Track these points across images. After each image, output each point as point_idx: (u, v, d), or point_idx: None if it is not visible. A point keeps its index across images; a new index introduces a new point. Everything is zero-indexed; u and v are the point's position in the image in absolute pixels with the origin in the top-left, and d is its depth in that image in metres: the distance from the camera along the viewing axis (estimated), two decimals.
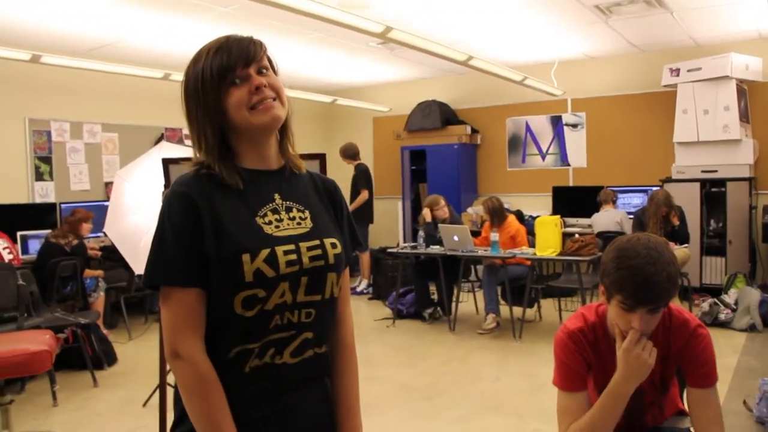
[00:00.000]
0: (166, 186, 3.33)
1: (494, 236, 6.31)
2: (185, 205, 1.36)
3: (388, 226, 9.90)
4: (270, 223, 1.42)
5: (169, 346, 1.34)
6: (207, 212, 1.35)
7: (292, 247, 1.40)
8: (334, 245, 1.48)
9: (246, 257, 1.34)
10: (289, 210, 1.47)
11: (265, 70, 1.44)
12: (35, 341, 3.56)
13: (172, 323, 1.34)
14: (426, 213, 7.05)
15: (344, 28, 4.97)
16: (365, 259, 8.60)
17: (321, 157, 2.96)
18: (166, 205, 1.38)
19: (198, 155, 1.45)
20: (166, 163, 3.31)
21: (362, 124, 10.65)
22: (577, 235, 6.21)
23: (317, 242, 1.45)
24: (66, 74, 7.04)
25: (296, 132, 1.54)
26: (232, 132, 1.44)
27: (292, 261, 1.39)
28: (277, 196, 1.47)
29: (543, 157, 9.13)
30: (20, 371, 3.56)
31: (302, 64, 8.31)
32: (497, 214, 6.68)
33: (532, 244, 6.49)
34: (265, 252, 1.36)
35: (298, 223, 1.46)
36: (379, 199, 9.22)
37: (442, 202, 7.04)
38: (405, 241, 9.08)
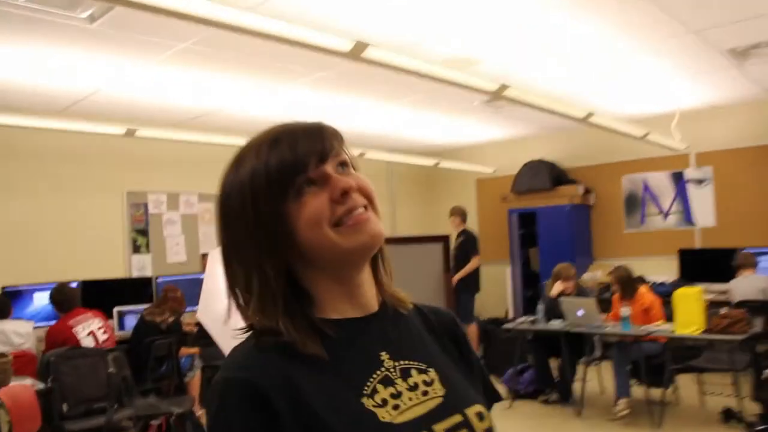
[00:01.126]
0: None
1: (625, 311, 5.59)
2: (250, 402, 0.83)
3: (496, 293, 9.19)
4: (384, 403, 0.89)
5: None
6: (286, 407, 0.83)
7: None
8: (480, 416, 0.95)
9: None
10: (406, 375, 0.94)
11: (345, 167, 0.94)
12: None
13: None
14: (557, 286, 6.35)
15: (457, 87, 4.53)
16: (472, 330, 7.94)
17: (444, 240, 2.40)
18: (216, 401, 0.85)
19: (248, 312, 0.92)
20: None
21: (465, 186, 10.11)
22: (723, 309, 5.41)
23: (459, 418, 0.93)
24: (161, 146, 6.95)
25: (396, 197, 0.97)
26: (303, 265, 0.93)
27: None
28: (384, 355, 0.94)
29: (665, 217, 8.33)
30: None
31: (404, 126, 7.94)
32: (628, 285, 5.93)
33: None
34: None
35: (425, 393, 0.93)
36: (485, 264, 8.61)
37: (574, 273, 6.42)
38: (515, 311, 8.39)
